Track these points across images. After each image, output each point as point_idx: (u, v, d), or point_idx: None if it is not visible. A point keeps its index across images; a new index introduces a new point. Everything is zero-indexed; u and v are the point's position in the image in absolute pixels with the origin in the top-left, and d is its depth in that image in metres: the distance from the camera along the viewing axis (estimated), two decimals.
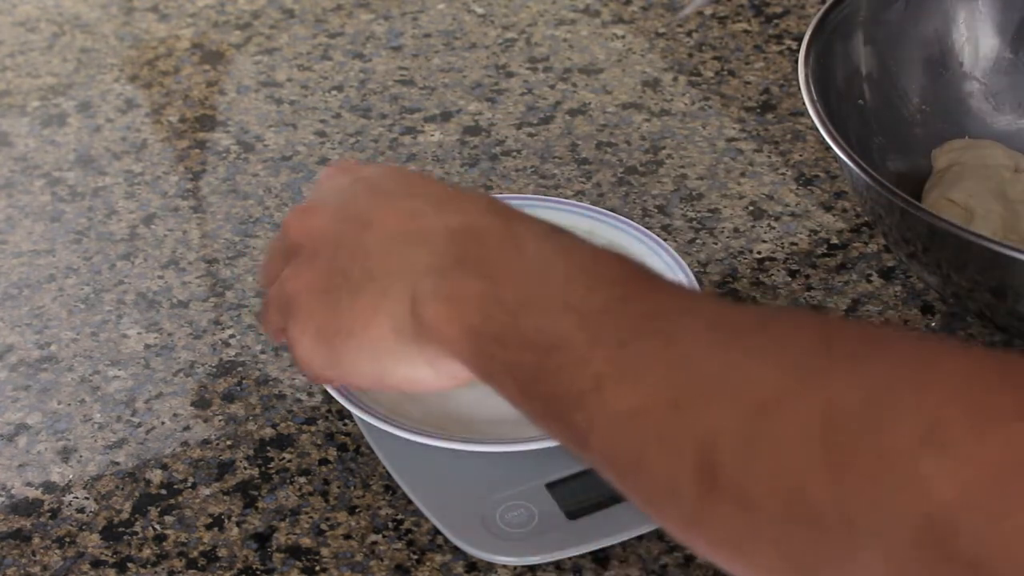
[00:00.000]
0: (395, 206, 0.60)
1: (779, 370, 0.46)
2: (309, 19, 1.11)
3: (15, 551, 0.73)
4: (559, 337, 0.51)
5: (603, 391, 0.49)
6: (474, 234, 0.56)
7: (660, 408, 0.47)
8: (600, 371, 0.49)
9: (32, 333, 0.85)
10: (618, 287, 0.52)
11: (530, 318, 0.53)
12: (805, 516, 0.43)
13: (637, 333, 0.50)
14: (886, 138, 0.88)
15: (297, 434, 0.78)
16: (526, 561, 0.70)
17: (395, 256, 0.58)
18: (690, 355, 0.48)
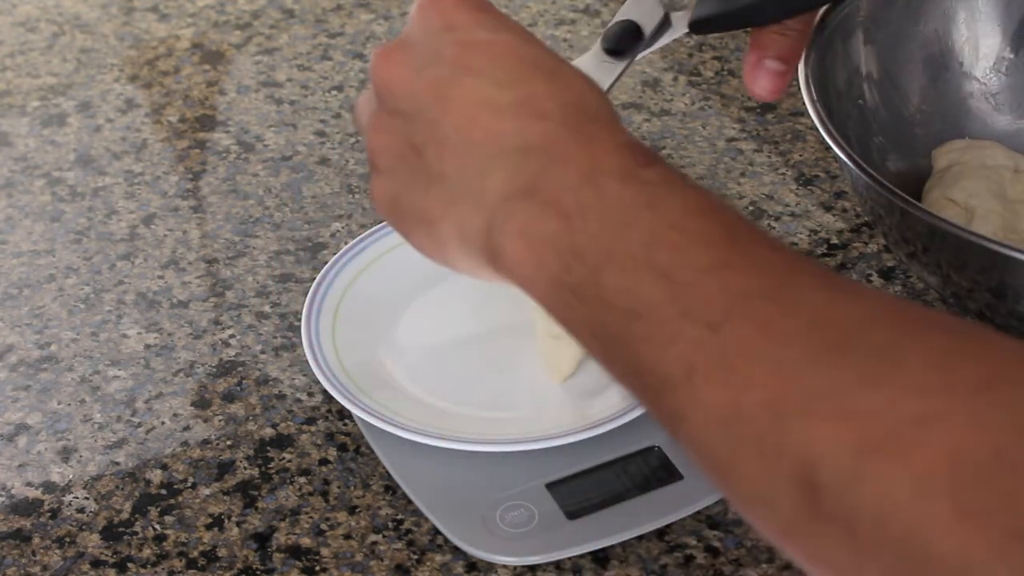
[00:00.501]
0: (475, 89, 0.54)
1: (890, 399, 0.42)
2: (309, 19, 1.11)
3: (15, 551, 0.73)
4: (644, 304, 0.47)
5: (695, 383, 0.45)
6: (550, 155, 0.51)
7: (758, 413, 0.44)
8: (691, 358, 0.46)
9: (32, 333, 0.85)
10: (711, 251, 0.47)
11: (611, 276, 0.48)
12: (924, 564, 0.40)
13: (731, 315, 0.45)
14: (886, 138, 0.88)
15: (297, 434, 0.78)
16: (526, 561, 0.70)
17: (466, 157, 0.53)
18: (794, 361, 0.44)
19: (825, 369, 0.43)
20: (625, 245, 0.48)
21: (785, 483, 0.43)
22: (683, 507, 0.72)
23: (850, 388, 0.43)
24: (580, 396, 0.77)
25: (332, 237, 0.91)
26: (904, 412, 0.41)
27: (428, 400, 0.77)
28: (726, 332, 0.45)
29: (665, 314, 0.46)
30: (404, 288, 0.83)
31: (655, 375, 0.47)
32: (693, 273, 0.47)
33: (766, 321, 0.45)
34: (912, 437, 0.41)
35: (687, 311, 0.46)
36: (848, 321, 0.45)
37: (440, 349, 0.80)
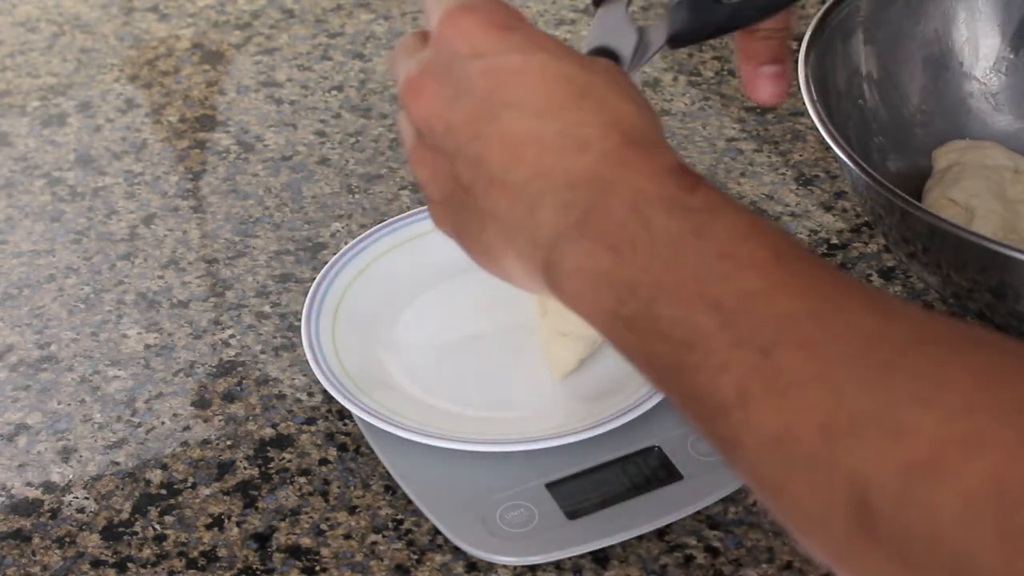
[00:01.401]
0: (514, 128, 0.54)
1: (936, 420, 0.42)
2: (309, 19, 1.11)
3: (15, 551, 0.73)
4: (696, 334, 0.48)
5: (748, 408, 0.46)
6: (597, 190, 0.52)
7: (809, 435, 0.44)
8: (743, 384, 0.46)
9: (32, 333, 0.85)
10: (759, 275, 0.48)
11: (664, 308, 0.49)
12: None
13: (781, 340, 0.46)
14: (886, 138, 0.88)
15: (297, 434, 0.78)
16: (526, 561, 0.70)
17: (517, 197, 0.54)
18: (843, 383, 0.44)
19: (874, 390, 0.44)
20: (675, 277, 0.49)
21: (838, 505, 0.43)
22: (683, 507, 0.72)
23: (898, 408, 0.43)
24: (580, 396, 0.77)
25: (332, 237, 0.91)
26: (950, 432, 0.42)
27: (428, 400, 0.77)
28: (777, 356, 0.46)
29: (717, 343, 0.47)
30: (404, 288, 0.83)
31: (710, 402, 0.47)
32: (741, 299, 0.47)
33: (815, 343, 0.46)
34: (958, 458, 0.41)
35: (738, 338, 0.47)
36: (896, 341, 0.45)
37: (440, 349, 0.80)
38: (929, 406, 0.42)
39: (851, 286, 0.48)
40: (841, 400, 0.44)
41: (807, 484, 0.45)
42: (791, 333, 0.46)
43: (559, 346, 0.76)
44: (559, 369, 0.77)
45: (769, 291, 0.47)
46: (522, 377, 0.78)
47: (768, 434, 0.45)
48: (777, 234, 0.50)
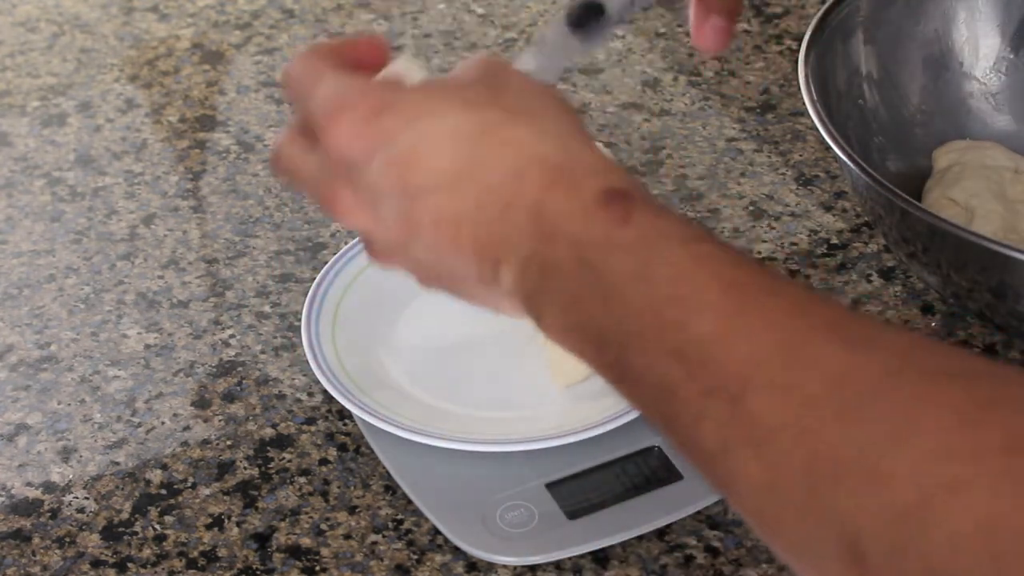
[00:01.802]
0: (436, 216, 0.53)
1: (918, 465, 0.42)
2: (309, 19, 1.11)
3: (15, 551, 0.73)
4: (668, 382, 0.47)
5: (732, 458, 0.45)
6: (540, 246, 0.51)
7: (795, 482, 0.44)
8: (721, 434, 0.46)
9: (32, 333, 0.85)
10: (712, 319, 0.47)
11: (634, 356, 0.48)
12: None
13: (748, 385, 0.45)
14: (886, 138, 0.88)
15: (297, 434, 0.78)
16: (526, 561, 0.70)
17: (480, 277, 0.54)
18: (818, 428, 0.44)
19: (851, 431, 0.43)
20: (634, 326, 0.48)
21: (832, 549, 0.43)
22: (683, 507, 0.72)
23: (876, 453, 0.42)
24: (580, 397, 0.77)
25: (332, 237, 0.91)
26: (934, 477, 0.41)
27: (428, 400, 0.77)
28: (748, 404, 0.45)
29: (688, 392, 0.47)
30: (404, 288, 0.82)
31: (697, 449, 0.47)
32: (700, 347, 0.46)
33: (782, 389, 0.45)
34: (944, 502, 0.41)
35: (707, 388, 0.46)
36: (867, 378, 0.44)
37: (440, 349, 0.80)
38: (908, 449, 0.42)
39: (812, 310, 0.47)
40: (819, 443, 0.43)
41: (800, 528, 0.44)
42: (756, 377, 0.45)
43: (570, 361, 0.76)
44: (565, 380, 0.77)
45: (726, 335, 0.46)
46: (522, 377, 0.78)
47: (755, 481, 0.45)
48: (720, 261, 0.48)
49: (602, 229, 0.50)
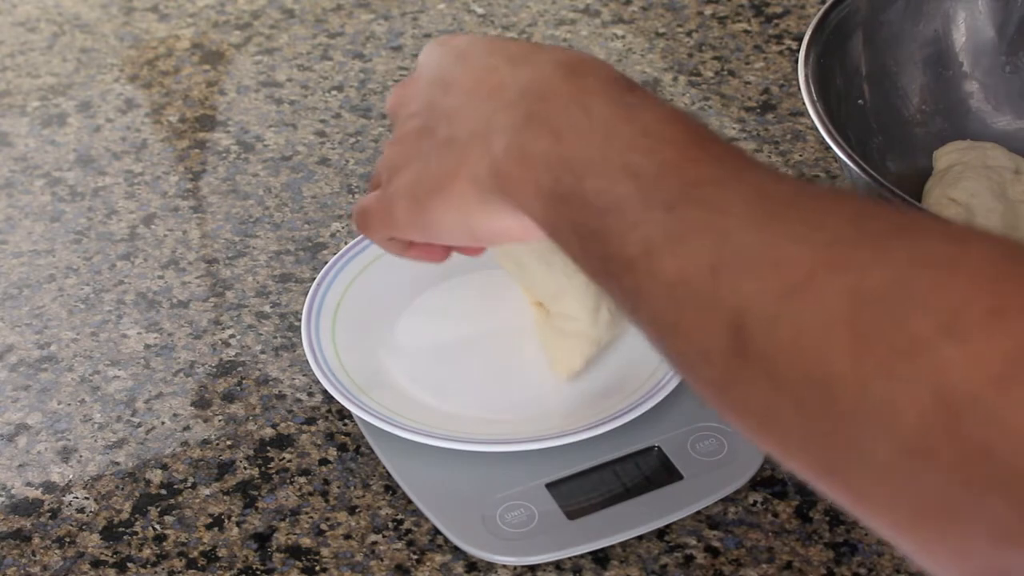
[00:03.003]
0: (473, 65, 0.63)
1: (811, 250, 0.47)
2: (309, 19, 1.11)
3: (15, 551, 0.73)
4: (616, 200, 0.53)
5: (651, 257, 0.51)
6: (544, 90, 0.59)
7: (700, 275, 0.49)
8: (648, 235, 0.52)
9: (32, 333, 0.85)
10: (675, 150, 0.54)
11: (592, 180, 0.55)
12: (825, 392, 0.45)
13: (685, 199, 0.51)
14: (886, 138, 0.88)
15: (297, 434, 0.78)
16: (526, 561, 0.70)
17: (473, 114, 0.61)
18: (731, 228, 0.50)
19: (760, 232, 0.49)
20: (605, 153, 0.55)
21: (718, 333, 0.48)
22: (683, 507, 0.72)
23: (777, 245, 0.48)
24: (580, 396, 0.77)
25: (332, 237, 0.91)
26: (821, 258, 0.47)
27: (428, 400, 0.77)
28: (679, 212, 0.51)
29: (632, 205, 0.53)
30: (404, 288, 0.83)
31: (620, 259, 0.53)
32: (657, 168, 0.53)
33: (714, 200, 0.51)
34: (825, 278, 0.46)
35: (649, 200, 0.52)
36: (783, 194, 0.51)
37: (440, 349, 0.80)
38: (806, 242, 0.48)
39: (753, 162, 0.53)
40: (729, 242, 0.49)
41: (695, 319, 0.50)
42: (693, 194, 0.52)
43: (564, 348, 0.76)
44: (565, 370, 0.77)
45: (681, 163, 0.53)
46: (522, 377, 0.78)
47: (666, 279, 0.51)
48: (697, 123, 0.56)
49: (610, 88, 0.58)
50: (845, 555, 0.71)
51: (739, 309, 0.48)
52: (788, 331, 0.46)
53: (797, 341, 0.46)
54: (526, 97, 0.59)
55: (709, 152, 0.54)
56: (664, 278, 0.51)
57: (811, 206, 0.50)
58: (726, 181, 0.52)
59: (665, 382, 0.75)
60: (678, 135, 0.55)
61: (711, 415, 0.75)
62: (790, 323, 0.46)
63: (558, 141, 0.57)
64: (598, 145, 0.55)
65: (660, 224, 0.51)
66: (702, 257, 0.50)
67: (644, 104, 0.57)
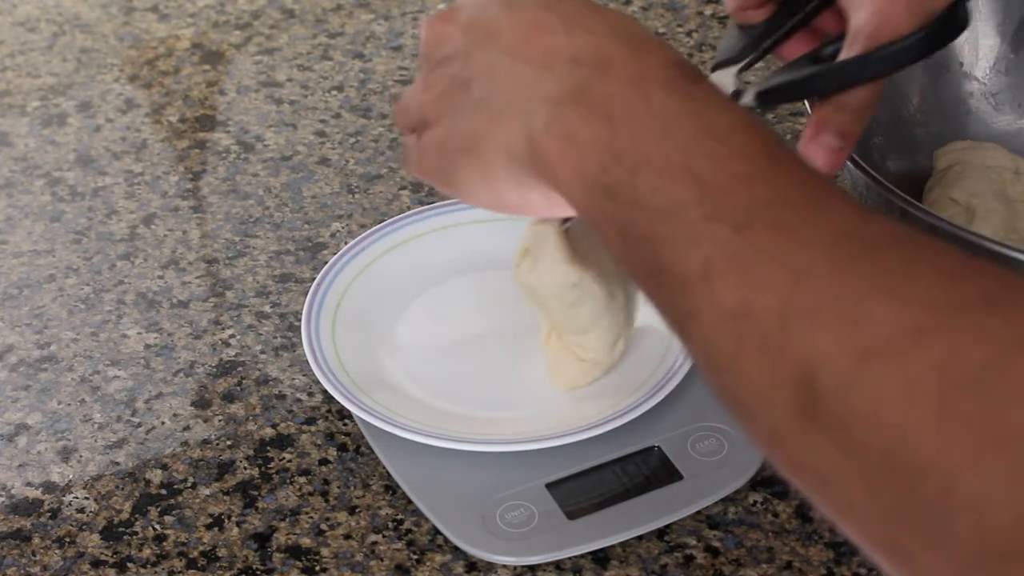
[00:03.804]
0: (522, 17, 0.57)
1: (896, 310, 0.43)
2: (309, 19, 1.11)
3: (15, 551, 0.73)
4: (674, 203, 0.48)
5: (711, 281, 0.46)
6: (600, 64, 0.53)
7: (768, 315, 0.45)
8: (711, 255, 0.47)
9: (32, 333, 0.85)
10: (747, 162, 0.49)
11: (647, 176, 0.49)
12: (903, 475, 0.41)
13: (756, 219, 0.47)
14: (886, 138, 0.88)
15: (297, 434, 0.78)
16: (526, 561, 0.70)
17: (516, 76, 0.56)
18: (810, 268, 0.45)
19: (837, 277, 0.44)
20: (664, 149, 0.50)
21: (784, 384, 0.44)
22: (683, 507, 0.72)
23: (858, 296, 0.44)
24: (580, 396, 0.77)
25: (332, 237, 0.91)
26: (906, 321, 0.42)
27: (428, 400, 0.77)
28: (749, 234, 0.46)
29: (692, 215, 0.48)
30: (404, 288, 0.83)
31: (673, 274, 0.48)
32: (726, 179, 0.48)
33: (790, 228, 0.46)
34: (910, 346, 0.42)
35: (714, 213, 0.47)
36: (869, 237, 0.46)
37: (440, 349, 0.80)
38: (889, 298, 0.43)
39: (835, 189, 0.48)
40: (804, 283, 0.45)
41: (757, 361, 0.45)
42: (767, 215, 0.47)
43: (573, 368, 0.76)
44: (568, 385, 0.77)
45: (754, 177, 0.48)
46: (522, 377, 0.78)
47: (726, 308, 0.46)
48: (771, 133, 0.50)
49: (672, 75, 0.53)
50: (845, 555, 0.71)
51: (810, 363, 0.43)
52: (865, 400, 0.42)
53: (875, 413, 0.42)
54: (579, 68, 0.53)
55: (786, 170, 0.49)
56: (725, 307, 0.46)
57: (898, 256, 0.45)
58: (805, 208, 0.47)
59: (665, 382, 0.75)
60: (751, 145, 0.49)
61: (711, 415, 0.75)
62: (868, 391, 0.42)
63: (610, 126, 0.51)
64: (656, 138, 0.50)
65: (726, 244, 0.46)
66: (773, 295, 0.45)
67: (712, 101, 0.52)
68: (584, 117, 0.52)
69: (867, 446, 0.42)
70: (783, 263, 0.45)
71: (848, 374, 0.42)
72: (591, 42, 0.54)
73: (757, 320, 0.45)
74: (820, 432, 0.43)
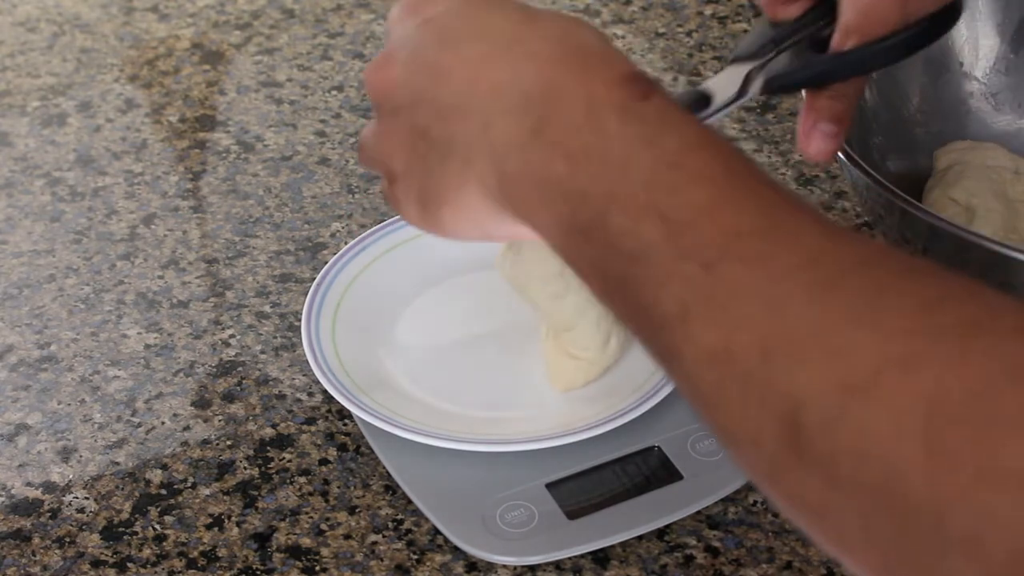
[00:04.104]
0: (463, 54, 0.55)
1: (877, 340, 0.42)
2: (309, 19, 1.11)
3: (15, 551, 0.73)
4: (643, 245, 0.48)
5: (688, 322, 0.46)
6: (548, 96, 0.52)
7: (748, 353, 0.44)
8: (685, 298, 0.46)
9: (32, 333, 0.85)
10: (707, 188, 0.48)
11: (616, 217, 0.49)
12: (895, 509, 0.41)
13: (724, 255, 0.46)
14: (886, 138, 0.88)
15: (297, 434, 0.78)
16: (526, 561, 0.70)
17: (471, 114, 0.54)
18: (784, 300, 0.44)
19: (814, 308, 0.44)
20: (626, 186, 0.49)
21: (769, 422, 0.43)
22: (683, 507, 0.72)
23: (837, 328, 0.43)
24: (580, 396, 0.77)
25: (332, 237, 0.91)
26: (889, 353, 0.42)
27: (428, 400, 0.77)
28: (719, 271, 0.46)
29: (663, 255, 0.47)
30: (404, 288, 0.83)
31: (653, 315, 0.47)
32: (689, 213, 0.47)
33: (759, 259, 0.46)
34: (895, 378, 0.41)
35: (683, 252, 0.47)
36: (840, 261, 0.45)
37: (440, 349, 0.80)
38: (869, 328, 0.42)
39: (799, 204, 0.48)
40: (781, 318, 0.44)
41: (740, 400, 0.44)
42: (735, 249, 0.46)
43: (569, 368, 0.76)
44: (564, 386, 0.77)
45: (717, 206, 0.47)
46: (522, 377, 0.78)
47: (706, 349, 0.45)
48: (728, 149, 0.50)
49: (622, 97, 0.51)
50: None
51: (794, 400, 0.43)
52: (851, 434, 0.41)
53: (862, 447, 0.41)
54: (531, 104, 0.52)
55: (748, 191, 0.48)
56: (705, 347, 0.45)
57: (873, 281, 0.44)
58: (773, 234, 0.46)
59: (665, 382, 0.75)
60: (708, 167, 0.49)
61: None
62: (854, 426, 0.41)
63: (573, 166, 0.50)
64: (617, 176, 0.49)
65: (697, 284, 0.46)
66: (750, 332, 0.44)
67: (664, 121, 0.50)
68: (546, 158, 0.51)
69: (858, 481, 0.41)
70: (757, 298, 0.45)
71: (833, 409, 0.42)
72: (535, 71, 0.53)
73: (737, 359, 0.45)
74: (810, 467, 0.43)
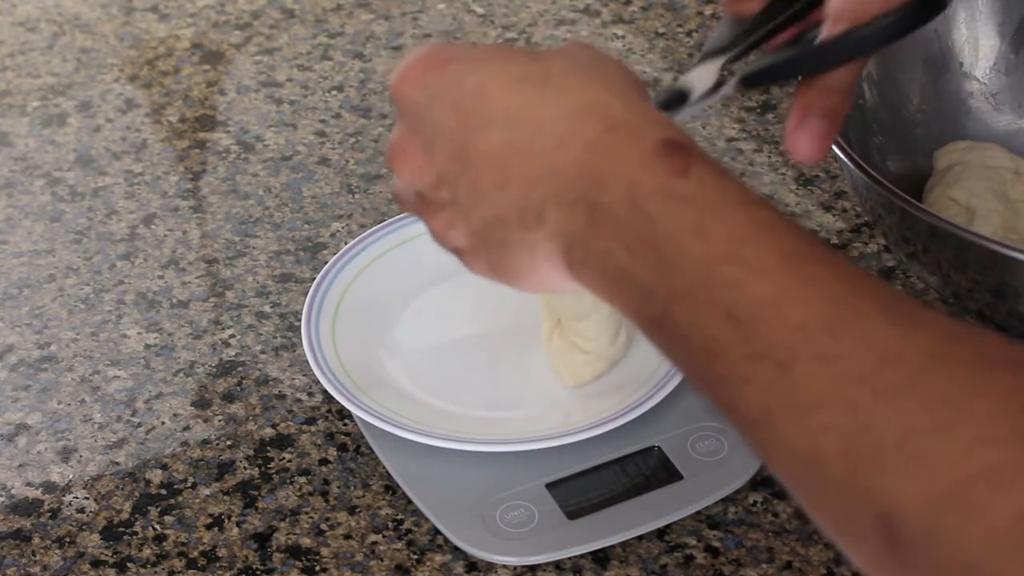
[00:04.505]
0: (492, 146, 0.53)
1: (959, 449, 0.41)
2: (309, 19, 1.11)
3: (15, 551, 0.73)
4: (715, 343, 0.47)
5: (773, 426, 0.45)
6: (591, 185, 0.50)
7: (835, 459, 0.44)
8: (765, 401, 0.45)
9: (32, 333, 0.85)
10: (767, 282, 0.46)
11: (681, 313, 0.48)
12: None
13: (798, 355, 0.45)
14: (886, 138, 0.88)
15: (297, 434, 0.78)
16: (526, 561, 0.70)
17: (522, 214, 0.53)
18: (862, 405, 0.43)
19: (894, 413, 0.43)
20: (684, 282, 0.48)
21: (869, 526, 0.43)
22: (683, 507, 0.72)
23: (917, 436, 0.42)
24: (580, 396, 0.77)
25: (332, 237, 0.91)
26: (974, 463, 0.41)
27: (428, 400, 0.77)
28: (795, 373, 0.45)
29: (736, 355, 0.46)
30: (404, 288, 0.83)
31: (738, 414, 0.47)
32: (753, 308, 0.46)
33: (831, 358, 0.45)
34: (984, 491, 0.41)
35: (756, 352, 0.46)
36: (913, 359, 0.44)
37: (440, 349, 0.80)
38: (949, 435, 0.42)
39: (863, 286, 0.47)
40: (861, 424, 0.43)
41: (838, 503, 0.44)
42: (807, 347, 0.45)
43: (577, 362, 0.76)
44: (573, 381, 0.77)
45: (779, 299, 0.46)
46: (522, 377, 0.78)
47: (796, 453, 0.45)
48: (780, 230, 0.48)
49: (660, 177, 0.49)
50: None
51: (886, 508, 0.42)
52: (951, 550, 0.41)
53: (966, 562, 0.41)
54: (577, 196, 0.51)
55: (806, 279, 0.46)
56: (794, 452, 0.45)
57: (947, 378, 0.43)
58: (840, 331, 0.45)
59: (665, 382, 0.75)
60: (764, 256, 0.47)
61: (711, 415, 0.75)
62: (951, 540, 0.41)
63: (632, 257, 0.49)
64: (674, 269, 0.48)
65: (775, 387, 0.45)
66: (835, 439, 0.44)
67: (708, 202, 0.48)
68: (605, 251, 0.50)
69: None
70: (836, 403, 0.44)
71: (926, 525, 0.42)
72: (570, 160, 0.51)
73: (828, 464, 0.44)
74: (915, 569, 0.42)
